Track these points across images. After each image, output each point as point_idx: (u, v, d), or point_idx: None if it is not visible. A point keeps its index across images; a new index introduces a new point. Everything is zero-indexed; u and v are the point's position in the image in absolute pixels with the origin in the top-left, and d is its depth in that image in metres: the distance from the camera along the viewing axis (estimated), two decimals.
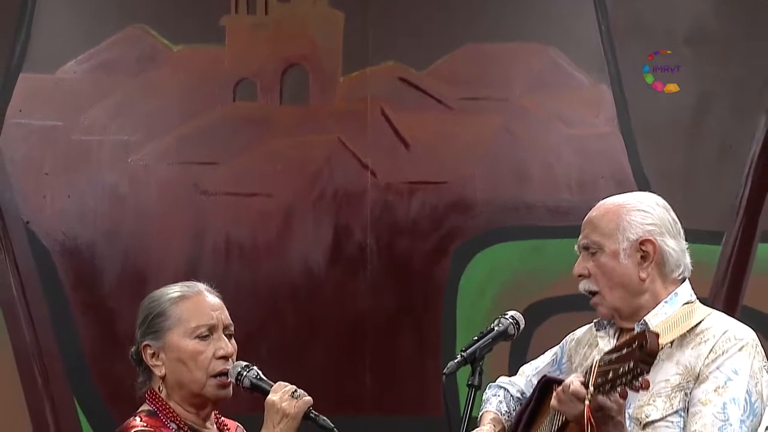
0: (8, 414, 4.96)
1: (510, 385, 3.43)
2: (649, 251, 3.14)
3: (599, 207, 3.21)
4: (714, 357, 3.03)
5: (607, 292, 3.14)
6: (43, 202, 5.12)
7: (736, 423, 3.00)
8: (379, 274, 5.18)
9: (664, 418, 3.03)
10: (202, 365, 3.07)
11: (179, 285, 3.17)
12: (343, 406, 5.06)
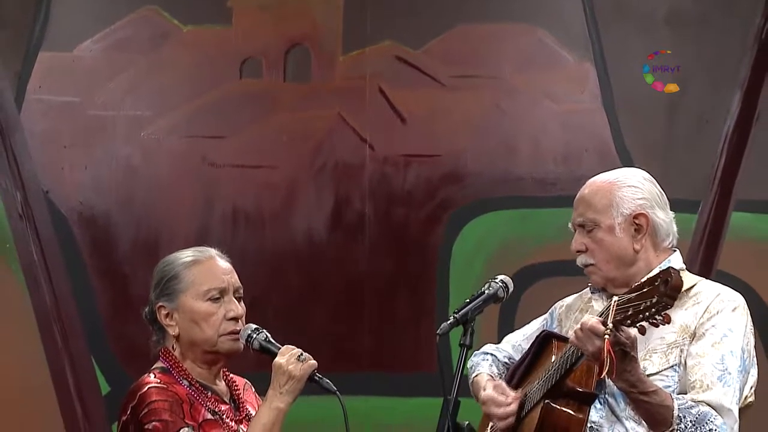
0: (30, 372, 4.97)
1: (497, 351, 3.43)
2: (642, 224, 3.14)
3: (590, 185, 3.20)
4: (709, 316, 3.04)
5: (603, 264, 3.14)
6: (62, 173, 5.12)
7: (735, 372, 3.02)
8: (377, 241, 5.19)
9: (660, 372, 3.04)
10: (213, 325, 3.07)
11: (192, 250, 3.17)
12: (343, 363, 5.08)
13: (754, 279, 5.08)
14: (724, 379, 2.99)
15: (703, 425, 2.94)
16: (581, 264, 3.17)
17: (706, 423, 2.94)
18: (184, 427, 2.96)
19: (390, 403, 5.06)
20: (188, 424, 2.96)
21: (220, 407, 3.08)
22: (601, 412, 3.04)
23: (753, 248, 5.17)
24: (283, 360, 3.02)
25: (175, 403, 2.98)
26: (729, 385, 2.98)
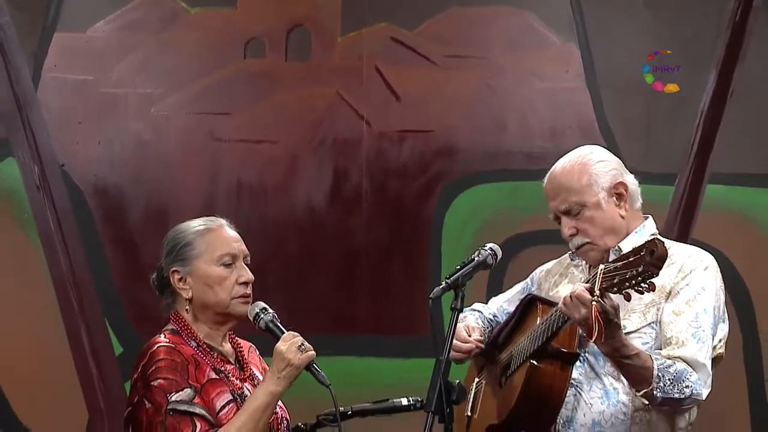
0: (48, 334, 4.98)
1: (484, 309, 3.46)
2: (622, 192, 3.16)
3: (562, 171, 3.18)
4: (683, 276, 3.05)
5: (599, 239, 3.13)
6: (77, 147, 5.12)
7: (708, 330, 3.04)
8: (373, 212, 5.19)
9: (638, 329, 3.06)
10: (226, 289, 3.09)
11: (202, 219, 3.19)
12: (342, 327, 5.11)
13: (727, 246, 5.09)
14: (698, 335, 3.01)
15: (680, 382, 2.96)
16: (576, 245, 3.16)
17: (682, 380, 2.96)
18: (186, 388, 2.97)
19: (386, 363, 5.08)
20: (191, 384, 2.98)
21: (225, 367, 3.09)
22: (581, 369, 3.07)
23: (726, 218, 5.18)
24: (284, 347, 3.02)
25: (181, 364, 3.00)
26: (703, 342, 3.00)
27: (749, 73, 5.20)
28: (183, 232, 3.16)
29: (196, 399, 2.97)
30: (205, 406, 2.97)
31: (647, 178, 5.15)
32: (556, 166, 3.20)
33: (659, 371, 2.95)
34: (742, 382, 5.11)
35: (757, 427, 5.10)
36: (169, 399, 2.95)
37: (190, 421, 2.95)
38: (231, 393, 3.04)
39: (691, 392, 2.96)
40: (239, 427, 2.95)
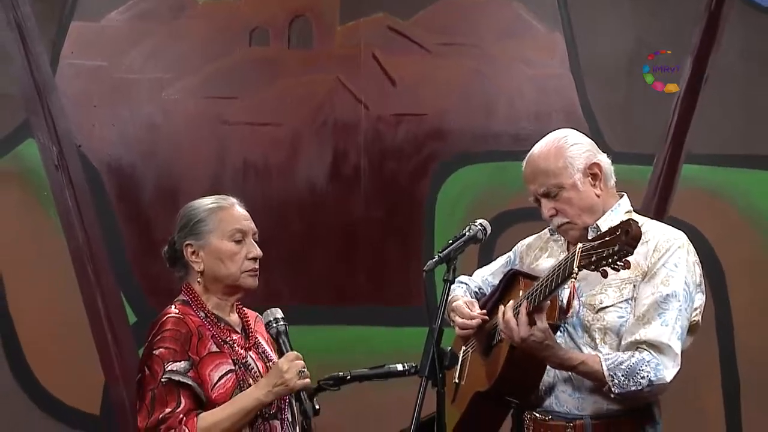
0: (67, 304, 5.00)
1: (470, 281, 3.47)
2: (596, 172, 3.15)
3: (539, 156, 3.17)
4: (659, 255, 3.05)
5: (577, 218, 3.13)
6: (92, 129, 5.12)
7: (675, 312, 3.02)
8: (371, 191, 5.20)
9: (615, 304, 3.06)
10: (236, 263, 3.11)
11: (214, 197, 3.20)
12: (341, 298, 5.13)
13: (701, 223, 5.11)
14: (664, 317, 3.00)
15: (634, 375, 2.96)
16: (556, 225, 3.16)
17: (637, 373, 2.96)
18: (184, 361, 2.99)
19: (382, 332, 5.09)
20: (190, 357, 3.00)
21: (231, 336, 3.11)
22: (561, 339, 3.07)
23: (701, 196, 5.19)
24: (285, 366, 3.00)
25: (185, 335, 3.02)
26: (667, 324, 2.99)
27: (723, 59, 5.20)
28: (197, 208, 3.17)
29: (191, 372, 2.99)
30: (198, 380, 2.98)
31: (627, 159, 5.23)
32: (533, 151, 3.20)
33: (610, 371, 2.96)
34: (714, 350, 5.13)
35: (727, 391, 5.13)
36: (166, 368, 2.97)
37: (176, 397, 2.96)
38: (233, 362, 3.05)
39: (649, 381, 2.95)
40: (219, 420, 2.96)
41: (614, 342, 3.04)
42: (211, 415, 2.96)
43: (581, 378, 3.04)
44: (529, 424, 3.13)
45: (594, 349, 3.05)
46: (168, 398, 2.95)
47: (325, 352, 4.92)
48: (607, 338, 3.05)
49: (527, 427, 3.13)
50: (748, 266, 5.17)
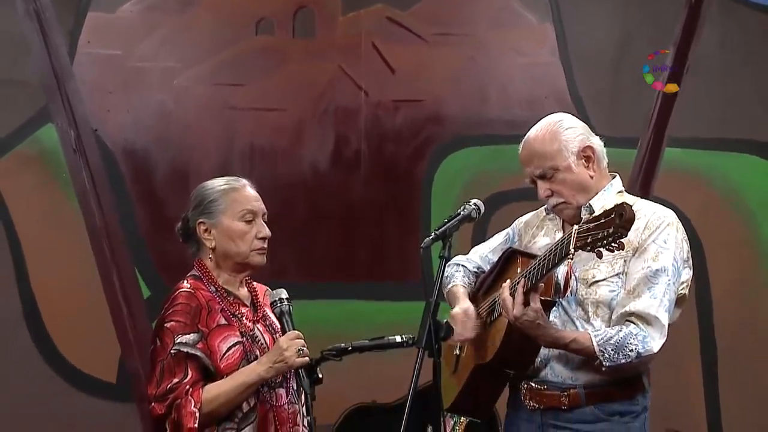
0: (85, 280, 5.00)
1: (467, 262, 3.44)
2: (590, 154, 3.15)
3: (535, 139, 3.16)
4: (649, 232, 3.05)
5: (572, 198, 3.12)
6: (108, 114, 5.11)
7: (664, 286, 3.03)
8: (371, 173, 5.20)
9: (606, 279, 3.07)
10: (246, 242, 3.12)
11: (226, 179, 3.21)
12: (342, 274, 5.14)
13: (682, 203, 5.03)
14: (653, 291, 3.00)
15: (623, 348, 2.97)
16: (552, 205, 3.16)
17: (625, 346, 2.97)
18: (193, 333, 3.00)
19: (382, 306, 5.10)
20: (199, 330, 3.01)
21: (240, 310, 3.12)
22: (556, 314, 3.08)
23: (682, 177, 5.20)
24: (285, 344, 3.00)
25: (195, 309, 3.03)
26: (655, 297, 3.00)
27: (703, 49, 5.21)
28: (210, 189, 3.17)
29: (200, 344, 3.00)
30: (207, 351, 3.00)
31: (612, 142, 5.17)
32: (529, 135, 3.19)
33: (600, 346, 2.97)
34: (694, 322, 5.15)
35: (705, 360, 5.15)
36: (175, 340, 2.98)
37: (184, 368, 2.98)
38: (241, 334, 3.06)
39: (638, 353, 2.96)
40: (221, 393, 2.97)
41: (606, 314, 3.05)
42: (215, 387, 2.98)
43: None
44: (526, 394, 3.14)
45: (587, 321, 3.06)
46: (176, 369, 2.97)
47: (327, 324, 4.94)
48: (600, 311, 3.06)
49: (524, 396, 3.15)
50: (727, 244, 5.18)
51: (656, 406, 4.92)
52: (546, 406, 3.09)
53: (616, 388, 3.05)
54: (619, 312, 3.02)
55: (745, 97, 5.20)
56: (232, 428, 3.01)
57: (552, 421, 3.09)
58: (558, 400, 3.07)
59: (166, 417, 2.96)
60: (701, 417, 5.07)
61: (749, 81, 5.21)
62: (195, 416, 2.93)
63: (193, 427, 2.93)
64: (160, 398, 2.97)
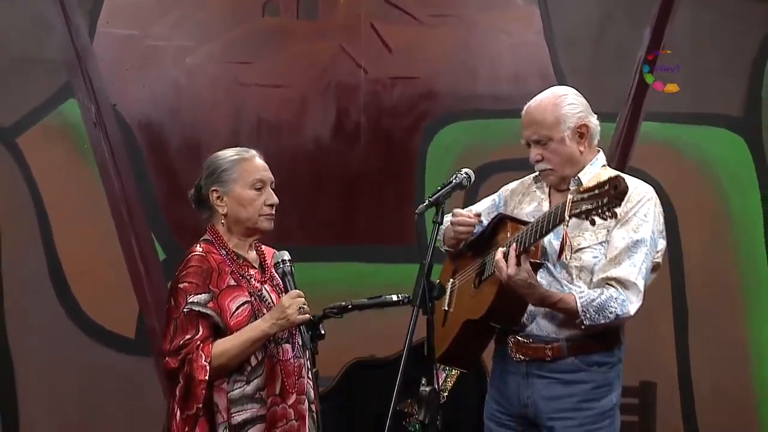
0: (105, 244, 5.00)
1: None
2: (584, 132, 3.16)
3: (536, 107, 3.16)
4: (631, 206, 3.07)
5: (559, 167, 3.14)
6: (125, 90, 5.09)
7: (642, 255, 3.06)
8: (369, 144, 5.19)
9: (590, 246, 3.09)
10: (255, 208, 3.12)
11: (237, 149, 3.21)
12: (344, 237, 5.15)
13: (657, 173, 5.10)
14: (633, 259, 3.03)
15: (604, 310, 3.00)
16: (540, 169, 3.17)
17: (606, 308, 3.00)
18: (204, 293, 3.01)
19: (380, 268, 5.10)
20: (210, 290, 3.02)
21: (249, 271, 3.13)
22: (542, 274, 3.10)
23: (657, 150, 5.20)
24: (287, 303, 3.01)
25: (207, 270, 3.04)
26: (635, 265, 3.03)
27: (678, 28, 5.18)
28: (222, 158, 3.17)
29: (211, 303, 3.01)
30: (217, 309, 3.01)
31: None
32: (533, 101, 3.19)
33: (583, 307, 3.00)
34: (667, 282, 5.17)
35: (677, 317, 5.18)
36: (188, 300, 2.99)
37: (195, 326, 2.99)
38: (249, 294, 3.07)
39: (616, 315, 3.00)
40: (230, 347, 2.98)
41: (587, 278, 3.08)
42: (223, 342, 2.99)
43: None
44: (513, 347, 3.17)
45: (570, 282, 3.09)
46: (188, 326, 2.98)
47: (329, 285, 4.96)
48: (582, 275, 3.09)
49: (511, 349, 3.17)
50: (698, 211, 5.19)
51: (632, 359, 4.94)
52: (531, 358, 3.12)
53: (595, 341, 3.08)
54: (600, 276, 3.04)
55: (717, 74, 5.19)
56: (241, 380, 3.02)
57: (536, 371, 3.12)
58: (543, 352, 3.10)
59: (179, 370, 2.98)
60: (673, 369, 5.11)
61: (720, 59, 5.19)
62: (205, 369, 2.94)
63: (204, 379, 2.94)
64: (173, 353, 2.99)
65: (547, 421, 3.10)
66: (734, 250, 5.17)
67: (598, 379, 3.08)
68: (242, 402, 3.01)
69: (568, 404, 3.07)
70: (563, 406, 3.08)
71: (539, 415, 3.13)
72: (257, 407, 3.01)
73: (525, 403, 3.14)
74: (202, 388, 2.94)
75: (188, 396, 2.95)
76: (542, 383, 3.11)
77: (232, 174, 3.12)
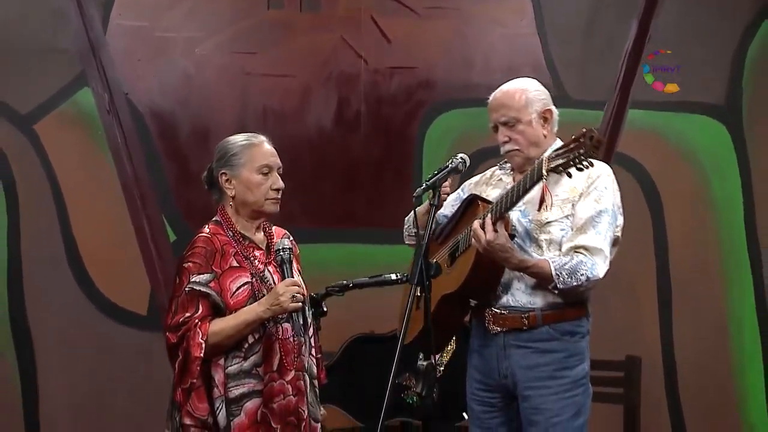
0: (118, 226, 5.00)
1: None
2: (548, 117, 3.22)
3: (506, 92, 3.24)
4: (591, 181, 3.12)
5: (525, 148, 3.21)
6: (137, 80, 5.08)
7: (606, 223, 3.12)
8: (369, 132, 5.19)
9: (557, 220, 3.14)
10: (262, 192, 3.13)
11: (246, 135, 3.21)
12: (346, 220, 5.15)
13: (643, 157, 5.18)
14: (597, 227, 3.09)
15: (575, 273, 3.05)
16: (507, 150, 3.23)
17: (577, 271, 3.05)
18: (208, 273, 3.02)
19: (379, 249, 5.09)
20: (213, 270, 3.03)
21: (253, 253, 3.13)
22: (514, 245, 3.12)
23: (643, 136, 5.21)
24: (282, 290, 3.01)
25: (211, 252, 3.04)
26: (599, 233, 3.08)
27: (662, 22, 5.17)
28: (232, 143, 3.18)
29: (212, 283, 3.02)
30: (218, 289, 3.01)
31: (583, 105, 5.23)
32: (501, 88, 3.27)
33: (556, 270, 3.05)
34: (651, 262, 5.18)
35: (661, 295, 5.19)
36: (190, 279, 3.00)
37: (196, 304, 2.99)
38: (251, 275, 3.07)
39: (587, 278, 3.04)
40: (226, 327, 2.99)
41: (556, 250, 3.13)
42: (220, 322, 3.00)
43: (532, 279, 3.13)
44: (490, 319, 3.19)
45: (541, 255, 3.14)
46: (189, 305, 2.99)
47: (331, 265, 4.97)
48: (551, 247, 3.13)
49: (488, 321, 3.20)
50: (681, 194, 5.21)
51: (618, 335, 4.97)
52: (509, 329, 3.15)
53: (566, 310, 3.13)
54: (569, 246, 3.09)
55: (700, 64, 5.18)
56: (239, 356, 3.03)
57: (513, 341, 3.15)
58: (519, 321, 3.13)
59: (178, 345, 2.99)
60: (656, 343, 5.13)
61: (703, 50, 5.18)
62: (201, 346, 2.96)
63: (199, 356, 2.96)
64: (173, 329, 3.00)
65: (524, 390, 3.14)
66: (715, 231, 5.18)
67: (571, 348, 3.13)
68: (240, 377, 3.02)
69: (544, 373, 3.11)
70: (539, 374, 3.12)
71: (517, 385, 3.16)
72: (254, 382, 3.02)
73: (504, 374, 3.17)
74: (197, 365, 2.95)
75: (184, 371, 2.97)
76: (519, 353, 3.14)
77: (240, 158, 3.12)
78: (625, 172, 5.11)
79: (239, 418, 2.99)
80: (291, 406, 3.06)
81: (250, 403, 3.01)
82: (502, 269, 3.13)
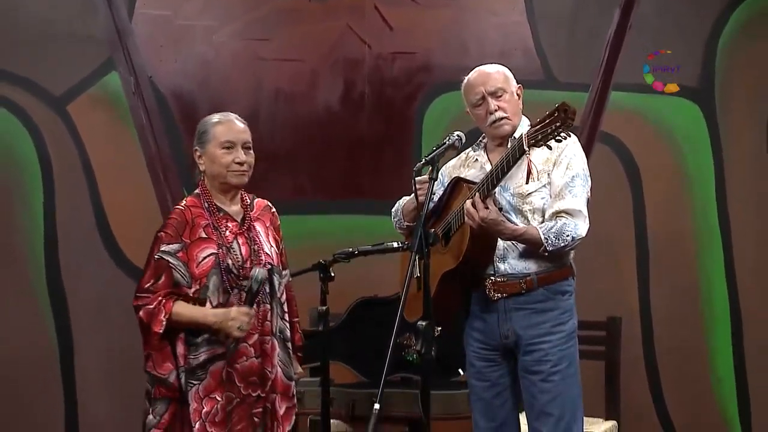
0: (144, 199, 5.00)
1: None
2: (521, 94, 3.31)
3: (489, 67, 3.31)
4: (560, 150, 3.15)
5: (513, 117, 3.26)
6: (160, 64, 5.06)
7: (579, 187, 3.17)
8: (373, 112, 5.17)
9: (537, 190, 3.18)
10: (223, 165, 3.13)
11: (220, 114, 3.22)
12: (351, 193, 5.15)
13: (624, 136, 5.16)
14: (573, 191, 3.13)
15: (561, 235, 3.09)
16: (497, 118, 3.24)
17: (563, 233, 3.09)
18: (176, 243, 3.04)
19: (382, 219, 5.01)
20: (182, 241, 3.04)
21: (226, 224, 3.11)
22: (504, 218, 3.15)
23: (624, 115, 5.18)
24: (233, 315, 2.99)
25: (182, 223, 3.07)
26: (576, 196, 3.13)
27: (642, 11, 5.14)
28: (205, 122, 3.21)
29: (180, 253, 3.03)
30: (185, 258, 3.03)
31: (569, 87, 5.22)
32: (483, 67, 3.33)
33: (545, 235, 3.09)
34: (631, 234, 5.19)
35: (639, 261, 5.19)
36: (161, 248, 2.99)
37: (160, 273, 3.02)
38: (217, 246, 3.05)
39: (572, 238, 3.10)
40: (184, 314, 3.00)
41: (540, 218, 3.17)
42: (182, 308, 3.01)
43: (525, 247, 3.16)
44: (491, 287, 3.21)
45: (527, 224, 3.17)
46: (156, 272, 3.03)
47: (337, 234, 4.98)
48: (536, 215, 3.17)
49: (489, 290, 3.21)
50: (658, 169, 5.20)
51: (601, 298, 4.98)
52: (509, 294, 3.19)
53: (555, 272, 3.18)
54: (550, 212, 3.13)
55: (676, 50, 5.15)
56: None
57: (513, 305, 3.19)
58: (518, 287, 3.17)
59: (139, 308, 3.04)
60: (635, 305, 5.15)
61: (678, 37, 5.15)
62: (162, 323, 2.99)
63: (158, 332, 3.00)
64: (141, 291, 3.06)
65: (527, 347, 3.19)
66: (689, 203, 5.19)
67: (563, 306, 3.19)
68: (201, 345, 3.04)
69: (543, 330, 3.17)
70: (539, 332, 3.17)
71: (519, 343, 3.20)
72: (216, 347, 3.04)
73: (506, 335, 3.21)
74: (157, 338, 2.99)
75: (145, 341, 3.03)
76: (519, 315, 3.18)
77: (208, 135, 3.15)
78: (607, 149, 5.11)
79: (206, 381, 3.02)
80: (255, 367, 3.06)
81: (214, 366, 3.03)
82: (496, 241, 3.14)
